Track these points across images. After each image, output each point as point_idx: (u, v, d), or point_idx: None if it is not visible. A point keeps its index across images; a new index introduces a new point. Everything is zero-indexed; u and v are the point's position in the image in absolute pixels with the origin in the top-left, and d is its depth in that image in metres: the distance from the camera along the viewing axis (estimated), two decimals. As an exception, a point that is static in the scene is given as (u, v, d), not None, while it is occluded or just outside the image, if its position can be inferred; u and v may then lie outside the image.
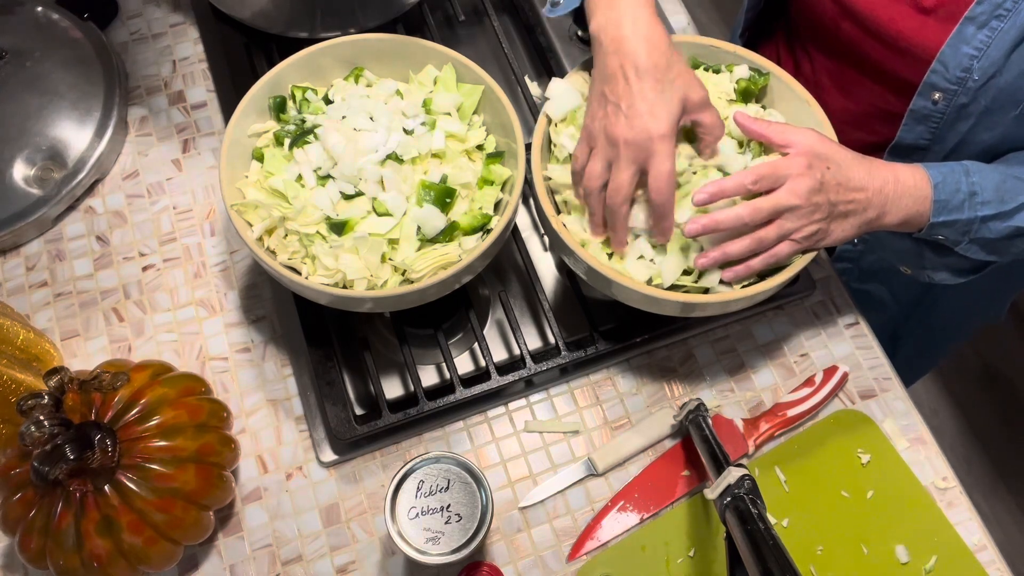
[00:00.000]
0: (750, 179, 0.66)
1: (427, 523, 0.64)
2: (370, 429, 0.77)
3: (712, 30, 2.17)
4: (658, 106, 0.65)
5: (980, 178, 0.70)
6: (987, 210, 0.70)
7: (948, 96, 0.74)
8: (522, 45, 1.05)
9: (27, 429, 0.62)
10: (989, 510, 1.75)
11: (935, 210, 0.69)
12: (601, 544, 0.77)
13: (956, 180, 0.70)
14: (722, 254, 0.68)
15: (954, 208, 0.70)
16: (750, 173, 0.66)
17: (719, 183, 0.67)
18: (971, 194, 0.70)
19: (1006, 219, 0.71)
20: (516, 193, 0.74)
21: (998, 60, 0.70)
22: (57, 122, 0.92)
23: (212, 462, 0.70)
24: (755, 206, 0.66)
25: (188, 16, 1.04)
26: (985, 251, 0.74)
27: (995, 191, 0.70)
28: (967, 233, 0.72)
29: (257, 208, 0.74)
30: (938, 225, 0.70)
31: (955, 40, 0.71)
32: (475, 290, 0.89)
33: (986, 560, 0.76)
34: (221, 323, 0.86)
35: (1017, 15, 0.68)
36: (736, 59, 0.79)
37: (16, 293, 0.88)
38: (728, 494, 0.63)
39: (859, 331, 0.87)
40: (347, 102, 0.77)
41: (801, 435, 0.82)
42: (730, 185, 0.66)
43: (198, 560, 0.76)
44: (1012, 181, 0.71)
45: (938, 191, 0.69)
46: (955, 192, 0.69)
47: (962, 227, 0.71)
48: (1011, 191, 0.71)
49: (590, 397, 0.84)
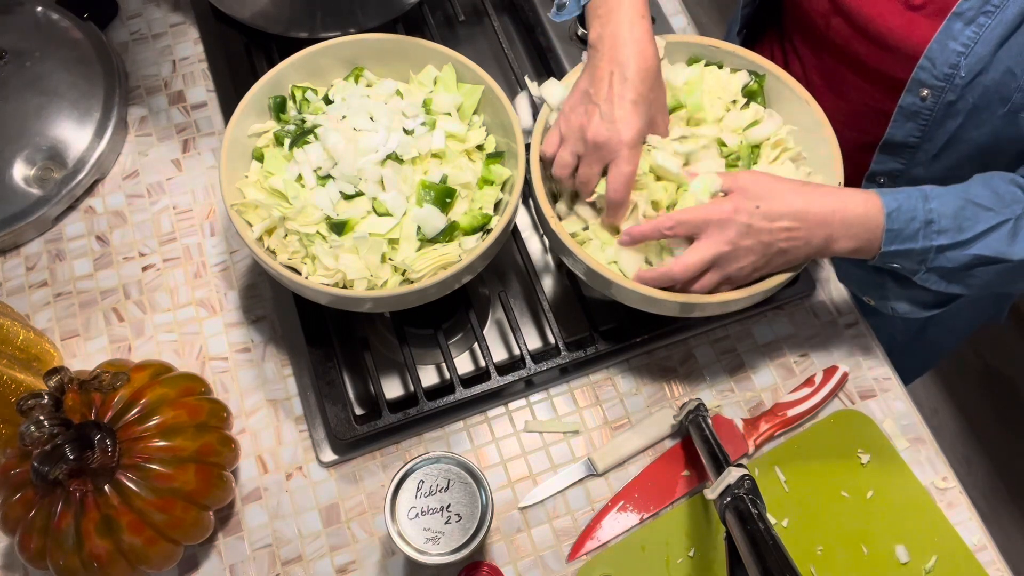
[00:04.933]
0: (667, 225, 0.69)
1: (427, 523, 0.64)
2: (370, 429, 0.77)
3: (712, 30, 2.17)
4: (632, 117, 0.70)
5: (939, 204, 0.68)
6: (943, 239, 0.68)
7: (936, 93, 0.73)
8: (522, 45, 1.05)
9: (27, 429, 0.62)
10: (989, 510, 1.75)
11: (887, 239, 0.68)
12: (601, 544, 0.77)
13: (912, 207, 0.67)
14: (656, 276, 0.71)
15: (908, 237, 0.68)
16: (669, 219, 0.68)
17: (639, 227, 0.70)
18: (927, 222, 0.67)
19: (964, 248, 0.68)
20: (516, 193, 0.74)
21: (985, 57, 0.70)
22: (57, 122, 0.92)
23: (212, 462, 0.70)
24: (685, 263, 0.68)
25: (188, 16, 1.04)
26: (945, 281, 0.71)
27: (953, 219, 0.68)
28: (923, 262, 0.69)
29: (257, 208, 0.74)
30: (891, 254, 0.69)
31: (942, 36, 0.71)
32: (475, 290, 0.89)
33: (986, 560, 0.76)
34: (221, 323, 0.86)
35: (1004, 11, 0.68)
36: (735, 59, 0.79)
37: (16, 293, 0.88)
38: (728, 494, 0.63)
39: (859, 331, 0.87)
40: (347, 102, 0.77)
41: (801, 435, 0.82)
42: (646, 229, 0.70)
43: (198, 560, 0.76)
44: (971, 208, 0.68)
45: (891, 220, 0.67)
46: (910, 220, 0.67)
47: (917, 256, 0.69)
48: (970, 219, 0.68)
49: (590, 397, 0.84)
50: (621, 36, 0.70)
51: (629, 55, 0.70)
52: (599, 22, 0.72)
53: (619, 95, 0.69)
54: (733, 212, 0.67)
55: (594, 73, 0.71)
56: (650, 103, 0.71)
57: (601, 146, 0.70)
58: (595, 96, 0.70)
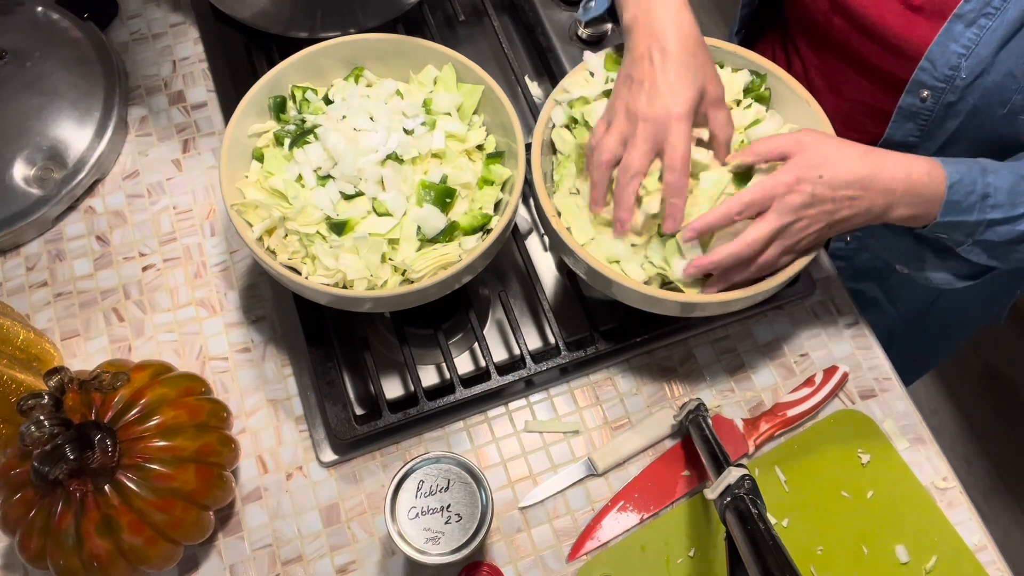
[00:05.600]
0: (736, 208, 0.66)
1: (427, 523, 0.64)
2: (370, 429, 0.77)
3: (712, 30, 2.17)
4: (678, 87, 0.67)
5: (996, 179, 0.68)
6: (996, 213, 0.68)
7: (936, 94, 0.73)
8: (522, 45, 1.05)
9: (27, 429, 0.62)
10: (989, 510, 1.75)
11: (944, 210, 0.67)
12: (601, 544, 0.77)
13: (972, 180, 0.67)
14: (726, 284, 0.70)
15: (964, 209, 0.68)
16: (736, 202, 0.66)
17: (704, 218, 0.67)
18: (984, 196, 0.68)
19: (1013, 223, 0.69)
20: (516, 193, 0.74)
21: (986, 58, 0.70)
22: (57, 122, 0.92)
23: (212, 462, 0.70)
24: (751, 239, 0.66)
25: (188, 16, 1.04)
26: (987, 255, 0.72)
27: (1008, 194, 0.68)
28: (971, 235, 0.70)
29: (257, 208, 0.74)
30: (944, 225, 0.69)
31: (943, 38, 0.71)
32: (475, 290, 0.89)
33: (986, 560, 0.76)
34: (221, 323, 0.86)
35: (1005, 13, 0.68)
36: (736, 59, 0.79)
37: (16, 293, 0.88)
38: (728, 494, 0.63)
39: (859, 331, 0.87)
40: (347, 102, 0.77)
41: (801, 435, 0.82)
42: (715, 218, 0.67)
43: (198, 560, 0.76)
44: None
45: (952, 191, 0.67)
46: (969, 193, 0.67)
47: (968, 228, 0.69)
48: (1022, 195, 0.68)
49: (590, 397, 0.84)
50: (655, 11, 0.69)
51: (666, 26, 0.68)
52: (631, 4, 0.70)
53: (661, 68, 0.67)
54: (796, 183, 0.65)
55: (633, 53, 0.69)
56: (696, 70, 0.68)
57: (650, 120, 0.67)
58: (637, 74, 0.68)
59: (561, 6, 1.04)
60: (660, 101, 0.67)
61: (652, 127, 0.67)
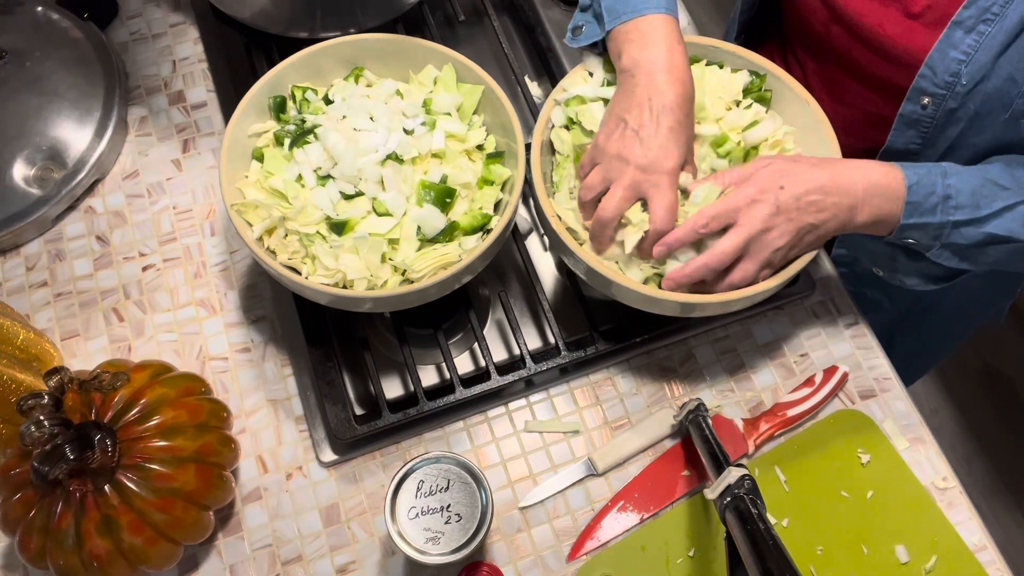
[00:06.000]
0: (700, 223, 0.68)
1: (427, 523, 0.64)
2: (370, 429, 0.77)
3: (712, 30, 2.17)
4: (672, 145, 0.69)
5: (957, 180, 0.69)
6: (960, 215, 0.69)
7: (937, 101, 0.73)
8: (522, 45, 1.05)
9: (27, 429, 0.62)
10: (989, 510, 1.75)
11: (906, 212, 0.68)
12: (601, 544, 0.77)
13: (931, 182, 0.68)
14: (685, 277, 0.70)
15: (926, 211, 0.68)
16: (700, 217, 0.68)
17: (673, 234, 0.69)
18: (945, 197, 0.68)
19: (979, 225, 0.69)
20: (516, 193, 0.74)
21: (986, 64, 0.70)
22: (57, 122, 0.92)
23: (212, 462, 0.70)
24: (719, 250, 0.68)
25: (188, 16, 1.04)
26: (957, 257, 0.72)
27: (971, 196, 0.69)
28: (938, 238, 0.70)
29: (257, 208, 0.74)
30: (908, 228, 0.69)
31: (943, 45, 0.71)
32: (475, 290, 0.89)
33: (986, 560, 0.76)
34: (221, 323, 0.86)
35: (1004, 19, 0.68)
36: (736, 59, 0.79)
37: (16, 293, 0.88)
38: (728, 494, 0.63)
39: (859, 331, 0.87)
40: (347, 102, 0.77)
41: (801, 435, 0.82)
42: (682, 233, 0.69)
43: (198, 560, 0.76)
44: (989, 187, 0.69)
45: (911, 192, 0.68)
46: (929, 195, 0.68)
47: (933, 231, 0.70)
48: (987, 197, 0.69)
49: (590, 397, 0.84)
50: (659, 62, 0.70)
51: (669, 82, 0.69)
52: (632, 47, 0.71)
53: (658, 123, 0.69)
54: (759, 194, 0.67)
55: (631, 100, 0.70)
56: (687, 131, 0.70)
57: (642, 169, 0.69)
58: (633, 122, 0.69)
59: (561, 6, 1.04)
60: (654, 154, 0.69)
61: (641, 176, 0.69)
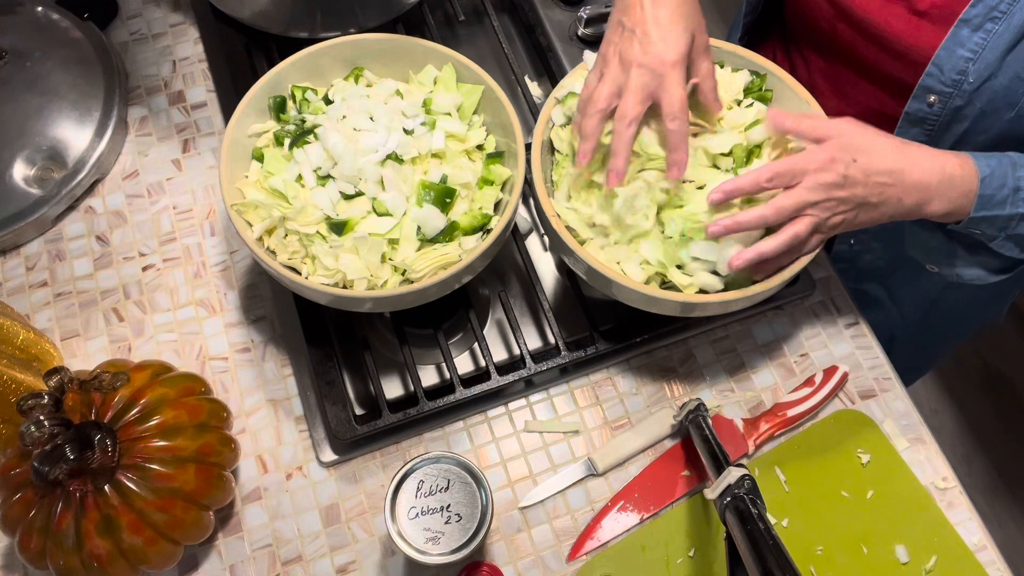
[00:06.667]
0: (765, 176, 0.65)
1: (427, 523, 0.64)
2: (370, 429, 0.77)
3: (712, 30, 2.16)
4: (670, 34, 0.67)
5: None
6: None
7: (943, 99, 0.73)
8: (522, 45, 1.05)
9: (27, 429, 0.62)
10: (989, 510, 1.75)
11: (978, 204, 0.68)
12: (601, 544, 0.77)
13: (1003, 173, 0.68)
14: (757, 254, 0.67)
15: (997, 203, 0.68)
16: (766, 170, 0.65)
17: (734, 181, 0.66)
18: (1016, 189, 0.68)
19: None
20: (516, 193, 0.74)
21: (993, 63, 0.70)
22: (57, 122, 0.92)
23: (212, 462, 0.70)
24: (778, 205, 0.65)
25: (188, 16, 1.04)
26: (1020, 248, 0.72)
27: None
28: (1005, 229, 0.70)
29: (257, 208, 0.74)
30: (978, 220, 0.69)
31: (950, 43, 0.70)
32: (475, 290, 0.89)
33: (986, 560, 0.76)
34: (221, 323, 0.86)
35: (1011, 17, 0.68)
36: (737, 59, 0.79)
37: (16, 293, 0.88)
38: (728, 494, 0.63)
39: (859, 331, 0.87)
40: (347, 102, 0.77)
41: (801, 435, 0.82)
42: (745, 183, 0.66)
43: (198, 560, 0.76)
44: None
45: (984, 185, 0.67)
46: (1000, 187, 0.68)
47: (1001, 223, 0.70)
48: None
49: (590, 397, 0.84)
50: None
51: None
52: None
53: (653, 15, 0.67)
54: (830, 162, 0.65)
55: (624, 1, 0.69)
56: (687, 16, 0.68)
57: (644, 67, 0.66)
58: (628, 21, 0.68)
59: (561, 6, 1.04)
60: (653, 48, 0.66)
61: (646, 74, 0.67)
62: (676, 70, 0.67)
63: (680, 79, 0.67)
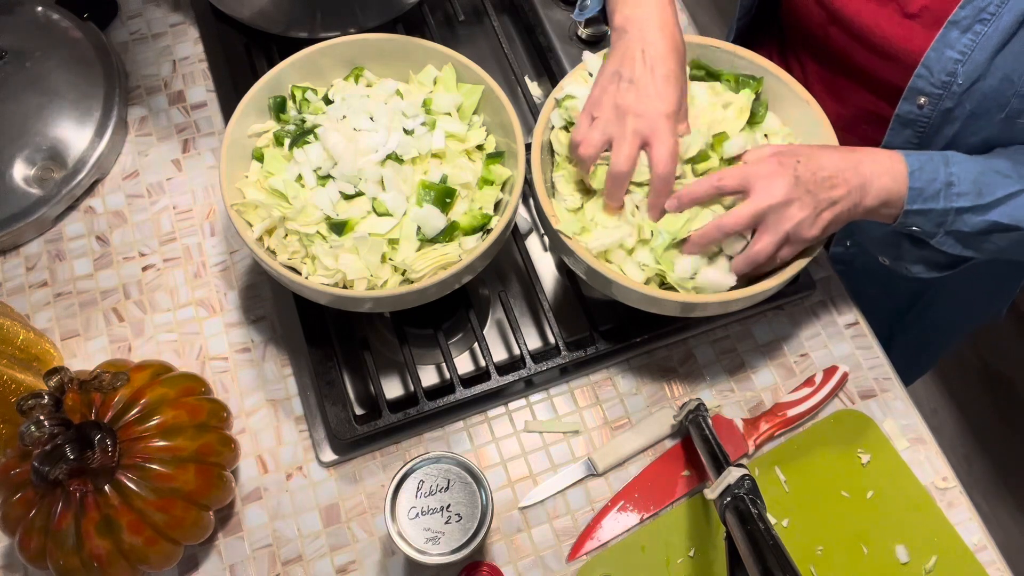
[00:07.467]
0: (715, 177, 0.69)
1: (427, 523, 0.64)
2: (370, 429, 0.77)
3: (712, 30, 2.17)
4: (666, 90, 0.69)
5: (959, 169, 0.70)
6: (963, 202, 0.69)
7: (933, 100, 0.74)
8: (522, 45, 1.05)
9: (27, 429, 0.62)
10: (989, 510, 1.75)
11: (910, 197, 0.69)
12: (601, 544, 0.77)
13: (934, 168, 0.69)
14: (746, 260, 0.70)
15: (929, 197, 0.69)
16: (717, 173, 0.69)
17: (687, 188, 0.70)
18: (947, 184, 0.69)
19: (982, 213, 0.70)
20: (516, 193, 0.74)
21: (982, 64, 0.70)
22: (57, 122, 0.92)
23: (212, 462, 0.70)
24: (735, 214, 0.68)
25: (188, 16, 1.04)
26: (960, 245, 0.73)
27: (973, 183, 0.69)
28: (942, 225, 0.71)
29: (257, 208, 0.74)
30: (912, 213, 0.70)
31: (939, 44, 0.71)
32: (475, 290, 0.89)
33: (986, 560, 0.76)
34: (221, 323, 0.86)
35: (1000, 19, 0.68)
36: (736, 59, 0.79)
37: (16, 293, 0.88)
38: (728, 494, 0.63)
39: (859, 331, 0.87)
40: (347, 102, 0.77)
41: (801, 435, 0.82)
42: (698, 190, 0.69)
43: (198, 560, 0.76)
44: (991, 175, 0.70)
45: (914, 178, 0.69)
46: (931, 181, 0.69)
47: (936, 218, 0.70)
48: (989, 184, 0.70)
49: (590, 397, 0.84)
50: (650, 18, 0.71)
51: (658, 35, 0.70)
52: (625, 6, 0.72)
53: (651, 71, 0.69)
54: (778, 165, 0.67)
55: (623, 53, 0.71)
56: (679, 79, 0.71)
57: (640, 117, 0.69)
58: (626, 72, 0.70)
59: (561, 6, 1.04)
60: (649, 101, 0.69)
61: (641, 124, 0.69)
62: (669, 122, 0.70)
63: (672, 130, 0.70)
